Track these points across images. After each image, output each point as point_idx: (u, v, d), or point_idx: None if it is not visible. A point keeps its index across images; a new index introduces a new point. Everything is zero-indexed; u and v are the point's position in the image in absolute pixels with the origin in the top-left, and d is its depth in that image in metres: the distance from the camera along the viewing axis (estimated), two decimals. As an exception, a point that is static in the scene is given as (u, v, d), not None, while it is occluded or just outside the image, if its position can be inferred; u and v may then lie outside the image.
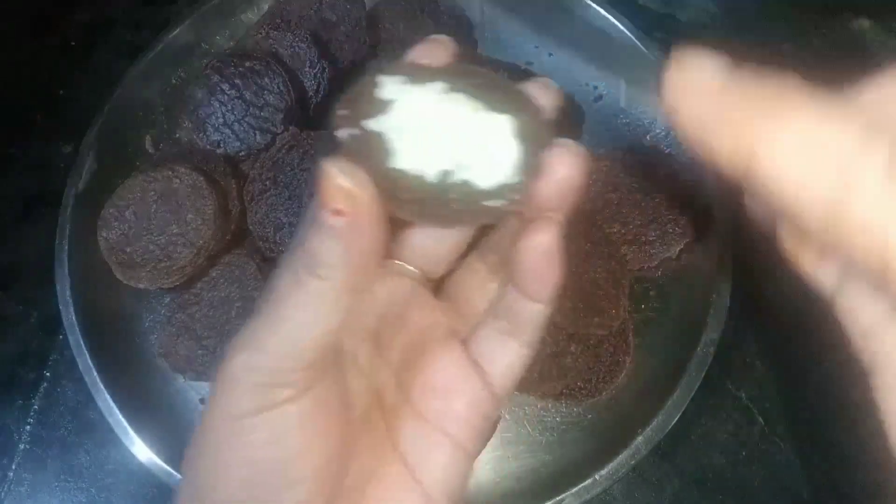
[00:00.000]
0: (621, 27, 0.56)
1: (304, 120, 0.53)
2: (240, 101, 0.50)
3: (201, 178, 0.47)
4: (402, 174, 0.23)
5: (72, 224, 0.48)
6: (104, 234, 0.47)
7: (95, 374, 0.44)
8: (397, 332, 0.28)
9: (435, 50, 0.26)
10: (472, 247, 0.30)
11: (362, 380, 0.28)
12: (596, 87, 0.58)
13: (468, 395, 0.27)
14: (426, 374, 0.27)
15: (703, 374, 0.45)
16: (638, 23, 0.56)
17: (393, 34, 0.57)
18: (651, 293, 0.50)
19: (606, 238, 0.49)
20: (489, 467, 0.46)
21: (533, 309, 0.26)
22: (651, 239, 0.50)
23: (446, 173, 0.23)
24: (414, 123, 0.23)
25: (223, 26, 0.58)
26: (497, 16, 0.60)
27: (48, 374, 0.50)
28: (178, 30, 0.55)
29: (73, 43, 0.62)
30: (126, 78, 0.53)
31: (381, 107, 0.24)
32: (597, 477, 0.43)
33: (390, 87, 0.24)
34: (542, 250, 0.24)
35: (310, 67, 0.53)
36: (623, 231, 0.50)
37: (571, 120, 0.55)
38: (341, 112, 0.24)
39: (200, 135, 0.51)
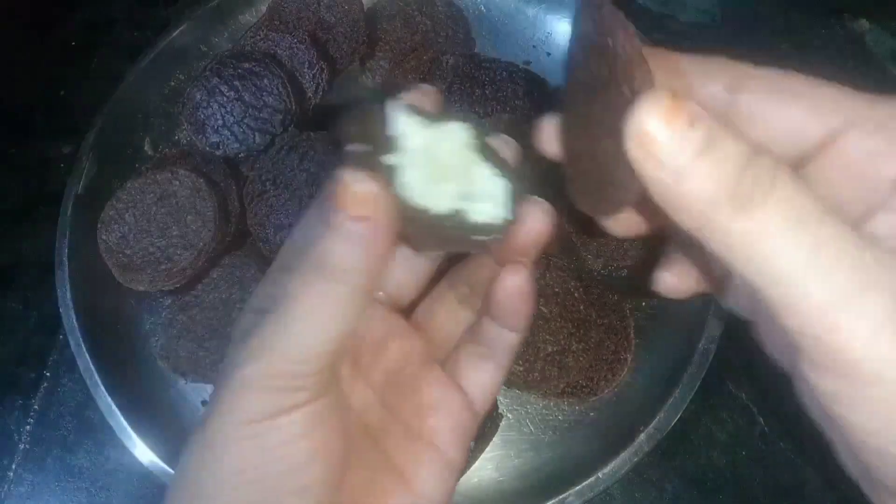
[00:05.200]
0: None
1: (303, 121, 0.53)
2: (239, 102, 0.50)
3: (201, 180, 0.47)
4: (405, 199, 0.24)
5: (72, 227, 0.48)
6: (104, 237, 0.47)
7: (96, 376, 0.44)
8: (378, 356, 0.30)
9: (423, 98, 0.27)
10: (436, 278, 0.32)
11: (344, 398, 0.29)
12: (595, 87, 0.57)
13: (455, 412, 0.29)
14: (416, 395, 0.29)
15: (704, 373, 0.45)
16: (638, 23, 0.56)
17: (391, 34, 0.57)
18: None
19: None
20: (492, 466, 0.46)
21: (509, 337, 0.30)
22: None
23: (446, 206, 0.25)
24: (421, 160, 0.25)
25: (222, 28, 0.58)
26: (495, 15, 0.60)
27: (48, 374, 0.50)
28: (176, 32, 0.55)
29: (73, 43, 0.62)
30: (125, 80, 0.53)
31: (391, 140, 0.25)
32: (599, 475, 0.43)
33: (401, 120, 0.25)
34: (516, 290, 0.28)
35: (308, 68, 0.53)
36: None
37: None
38: (352, 129, 0.25)
39: (200, 136, 0.51)
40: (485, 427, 0.45)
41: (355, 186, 0.22)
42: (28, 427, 0.49)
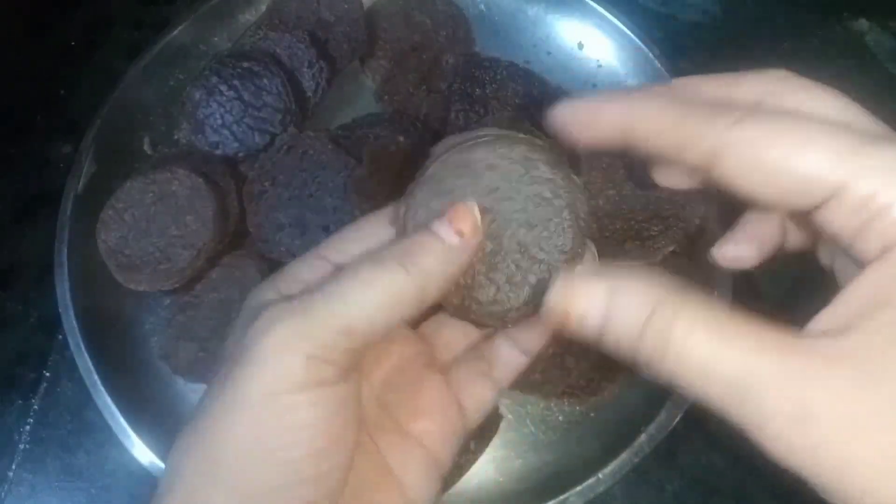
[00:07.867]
0: (621, 27, 0.56)
1: (302, 120, 0.52)
2: (238, 102, 0.50)
3: (200, 180, 0.47)
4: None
5: (71, 227, 0.48)
6: (103, 237, 0.47)
7: (96, 376, 0.44)
8: (381, 357, 0.31)
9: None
10: None
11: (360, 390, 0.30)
12: (595, 86, 0.57)
13: (447, 418, 0.30)
14: (414, 398, 0.30)
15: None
16: (638, 23, 0.56)
17: (391, 33, 0.57)
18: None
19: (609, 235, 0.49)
20: (492, 467, 0.46)
21: (519, 359, 0.32)
22: (654, 234, 0.49)
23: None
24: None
25: (221, 27, 0.58)
26: (495, 14, 0.60)
27: (48, 374, 0.50)
28: (176, 31, 0.55)
29: (73, 43, 0.62)
30: (123, 80, 0.53)
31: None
32: (600, 475, 0.43)
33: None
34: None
35: (308, 68, 0.53)
36: (625, 227, 0.50)
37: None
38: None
39: (199, 136, 0.51)
40: (484, 428, 0.45)
41: (472, 209, 0.26)
42: (28, 427, 0.49)
